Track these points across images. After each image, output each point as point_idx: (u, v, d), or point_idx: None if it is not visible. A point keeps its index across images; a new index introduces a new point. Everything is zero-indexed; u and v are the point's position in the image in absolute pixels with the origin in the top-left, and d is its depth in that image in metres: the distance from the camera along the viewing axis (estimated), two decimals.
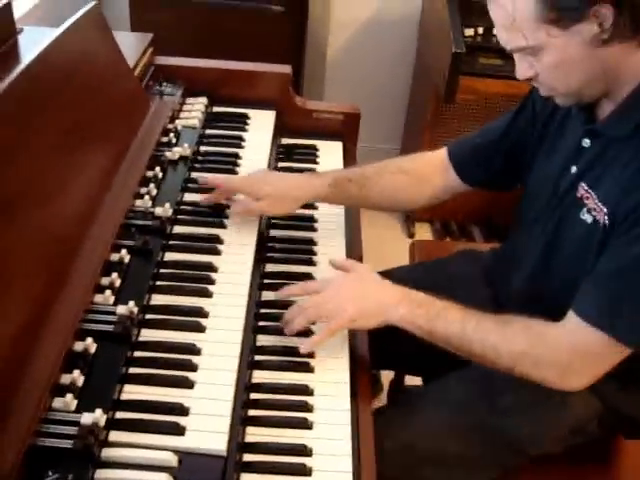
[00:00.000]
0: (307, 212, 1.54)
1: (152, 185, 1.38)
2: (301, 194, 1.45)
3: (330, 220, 1.54)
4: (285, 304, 1.29)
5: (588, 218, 1.19)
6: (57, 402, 0.97)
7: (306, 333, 1.23)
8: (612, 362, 1.15)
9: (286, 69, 1.83)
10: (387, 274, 1.62)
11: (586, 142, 1.22)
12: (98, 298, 1.12)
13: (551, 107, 1.33)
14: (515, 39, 1.12)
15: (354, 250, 1.49)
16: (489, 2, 1.14)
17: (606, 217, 1.15)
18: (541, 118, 1.36)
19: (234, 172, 1.57)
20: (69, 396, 0.97)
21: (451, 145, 1.54)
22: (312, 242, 1.46)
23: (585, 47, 1.08)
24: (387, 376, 2.03)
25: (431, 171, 1.53)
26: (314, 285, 1.28)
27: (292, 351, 1.21)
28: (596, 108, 1.22)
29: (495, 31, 1.17)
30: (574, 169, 1.24)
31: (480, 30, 2.64)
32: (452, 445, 1.30)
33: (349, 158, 1.79)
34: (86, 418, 0.94)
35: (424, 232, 3.10)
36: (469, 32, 2.63)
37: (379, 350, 1.31)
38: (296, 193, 1.45)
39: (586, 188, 1.20)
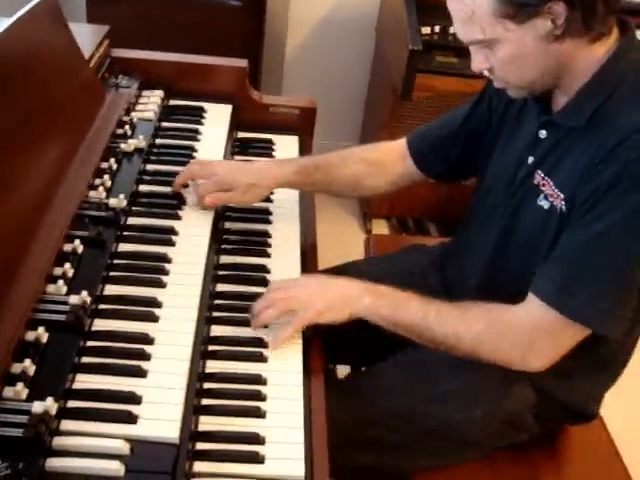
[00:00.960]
0: (261, 205, 1.55)
1: (106, 176, 1.38)
2: (269, 182, 1.48)
3: (284, 212, 1.55)
4: (239, 295, 1.30)
5: (545, 204, 1.23)
6: (8, 391, 0.96)
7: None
8: (572, 341, 1.19)
9: (243, 63, 1.84)
10: (339, 269, 1.66)
11: (542, 133, 1.26)
12: (50, 288, 1.12)
13: (506, 101, 1.36)
14: (472, 32, 1.15)
15: (308, 240, 1.51)
16: None
17: (563, 203, 1.19)
18: (497, 112, 1.40)
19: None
20: (20, 385, 0.96)
21: (410, 136, 1.57)
22: (266, 234, 1.48)
23: (539, 42, 1.12)
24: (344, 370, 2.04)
25: (391, 160, 1.57)
26: (279, 282, 1.30)
27: (246, 341, 1.22)
28: (551, 100, 1.26)
29: (453, 27, 1.19)
30: (531, 159, 1.28)
31: (437, 28, 2.67)
32: (385, 432, 1.32)
33: (305, 152, 1.80)
34: (37, 407, 0.93)
35: (381, 228, 3.13)
36: (426, 30, 2.66)
37: (335, 344, 1.33)
38: (263, 182, 1.47)
39: (542, 175, 1.24)
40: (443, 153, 1.51)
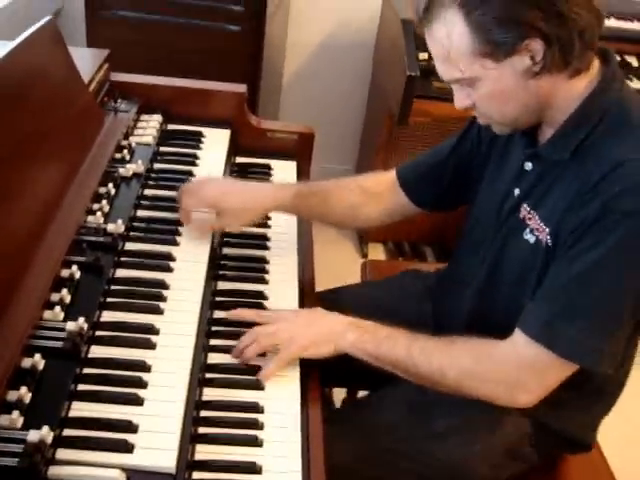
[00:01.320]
0: (260, 230, 1.55)
1: (104, 201, 1.38)
2: (261, 206, 1.47)
3: (282, 239, 1.55)
4: (237, 323, 1.30)
5: (531, 238, 1.23)
6: (3, 419, 0.95)
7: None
8: (560, 377, 1.18)
9: (241, 88, 1.84)
10: (335, 292, 1.65)
11: (528, 165, 1.26)
12: (47, 314, 1.11)
13: (492, 134, 1.35)
14: (451, 71, 1.16)
15: (306, 268, 1.50)
16: (426, 36, 1.17)
17: (548, 237, 1.18)
18: (485, 142, 1.40)
19: None
20: (15, 413, 0.95)
21: (400, 167, 1.57)
22: (264, 260, 1.47)
23: (518, 79, 1.13)
24: (339, 393, 2.03)
25: (383, 190, 1.55)
26: (267, 314, 1.30)
27: (243, 369, 1.22)
28: (537, 132, 1.26)
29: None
30: (517, 191, 1.28)
31: None
32: (386, 469, 1.31)
33: (303, 178, 1.80)
34: (32, 435, 0.92)
35: (377, 252, 3.13)
36: (423, 56, 2.68)
37: (330, 367, 1.32)
38: (255, 206, 1.46)
39: (528, 209, 1.24)
40: (432, 182, 1.50)
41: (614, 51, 1.22)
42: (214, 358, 1.23)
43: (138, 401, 1.06)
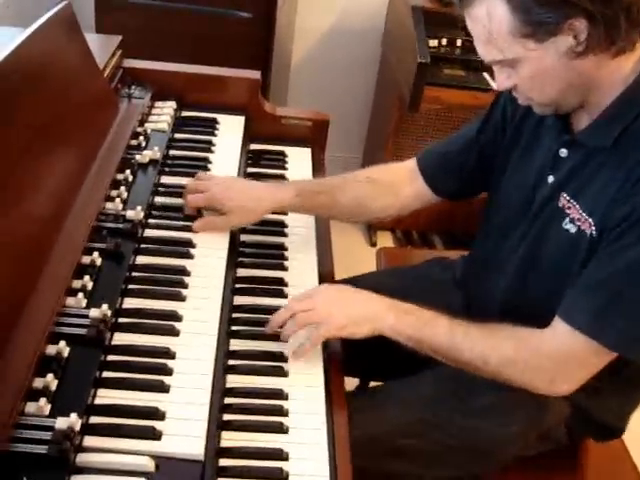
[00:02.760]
0: (278, 217, 1.54)
1: (123, 188, 1.37)
2: (264, 205, 1.44)
3: (300, 225, 1.54)
4: (257, 309, 1.29)
5: (572, 228, 1.21)
6: (30, 407, 0.94)
7: (278, 337, 1.23)
8: (598, 367, 1.18)
9: (256, 75, 1.83)
10: (355, 281, 1.64)
11: (563, 152, 1.24)
12: (70, 301, 1.10)
13: (522, 113, 1.34)
14: (492, 52, 1.14)
15: (325, 254, 1.49)
16: (466, 17, 1.15)
17: (593, 228, 1.17)
18: (513, 124, 1.37)
19: None
20: (42, 400, 0.94)
21: (420, 155, 1.54)
22: (283, 247, 1.46)
23: (561, 59, 1.10)
24: (351, 383, 2.03)
25: (400, 181, 1.53)
26: (304, 293, 1.28)
27: (266, 355, 1.21)
28: (572, 118, 1.24)
29: (460, 39, 1.18)
30: (551, 179, 1.26)
31: (444, 41, 2.67)
32: (417, 442, 1.30)
33: (317, 165, 1.79)
34: (61, 423, 0.92)
35: (386, 240, 3.12)
36: (433, 43, 2.67)
37: (345, 356, 1.31)
38: (259, 204, 1.43)
39: (568, 198, 1.22)
40: (455, 170, 1.48)
41: None
42: (236, 345, 1.22)
43: (164, 388, 1.05)
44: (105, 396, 1.03)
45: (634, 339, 1.13)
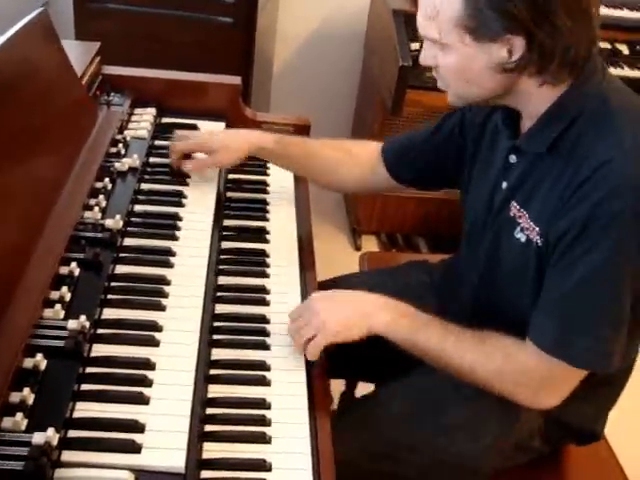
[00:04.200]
0: (258, 224, 1.53)
1: (101, 196, 1.35)
2: (246, 146, 1.56)
3: (282, 231, 1.53)
4: (238, 317, 1.28)
5: (522, 237, 1.21)
6: (6, 422, 0.92)
7: (263, 345, 1.23)
8: (577, 381, 1.18)
9: (236, 80, 1.82)
10: (336, 281, 1.63)
11: (512, 158, 1.25)
12: (48, 313, 1.09)
13: (482, 119, 1.36)
14: (430, 30, 1.15)
15: (307, 260, 1.48)
16: None
17: (539, 237, 1.17)
18: (472, 134, 1.39)
19: (184, 183, 1.55)
20: (19, 415, 0.93)
21: (385, 142, 1.59)
22: (264, 254, 1.45)
23: (488, 67, 1.12)
24: (337, 386, 2.01)
25: (366, 157, 1.59)
26: (297, 310, 1.27)
27: (248, 364, 1.19)
28: (519, 124, 1.25)
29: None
30: (504, 185, 1.27)
31: None
32: (396, 463, 1.30)
33: None
34: (38, 438, 0.90)
35: (371, 244, 3.11)
36: (415, 46, 2.66)
37: (330, 359, 1.30)
38: (239, 146, 1.56)
39: (518, 207, 1.23)
40: (412, 160, 1.52)
41: (604, 39, 1.21)
42: (218, 354, 1.21)
43: (144, 400, 1.04)
44: (84, 409, 1.01)
45: (599, 354, 1.13)
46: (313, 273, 1.46)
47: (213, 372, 1.17)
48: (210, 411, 1.11)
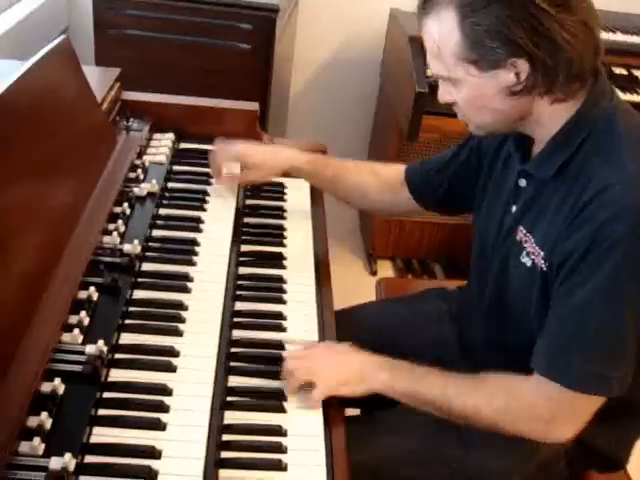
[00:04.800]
0: (275, 249, 1.53)
1: (120, 221, 1.36)
2: (279, 164, 1.61)
3: (299, 257, 1.53)
4: (255, 343, 1.28)
5: (527, 261, 1.22)
6: (24, 446, 0.93)
7: (276, 374, 1.22)
8: (588, 410, 1.16)
9: (254, 106, 1.84)
10: (354, 310, 1.63)
11: (522, 182, 1.26)
12: (66, 337, 1.10)
13: (494, 149, 1.37)
14: (438, 67, 1.16)
15: (324, 286, 1.48)
16: (422, 27, 1.17)
17: (543, 261, 1.17)
18: (488, 154, 1.39)
19: (202, 209, 1.56)
20: (36, 440, 0.93)
21: (408, 166, 1.61)
22: (281, 280, 1.45)
23: (500, 92, 1.13)
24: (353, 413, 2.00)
25: (397, 182, 1.60)
26: (297, 353, 1.27)
27: (265, 391, 1.19)
28: (531, 148, 1.25)
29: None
30: (514, 208, 1.27)
31: None
32: (417, 472, 1.29)
33: (316, 195, 1.78)
34: (55, 463, 0.91)
35: (386, 269, 3.11)
36: (431, 72, 2.67)
37: None
38: (274, 163, 1.61)
39: (524, 232, 1.23)
40: (434, 185, 1.54)
41: (620, 65, 1.22)
42: (235, 381, 1.20)
43: (160, 426, 1.04)
44: (100, 434, 1.02)
45: (594, 377, 1.12)
46: (330, 300, 1.46)
47: (230, 399, 1.17)
48: (226, 438, 1.10)
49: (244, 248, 1.52)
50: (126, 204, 1.41)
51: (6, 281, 1.03)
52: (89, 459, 0.98)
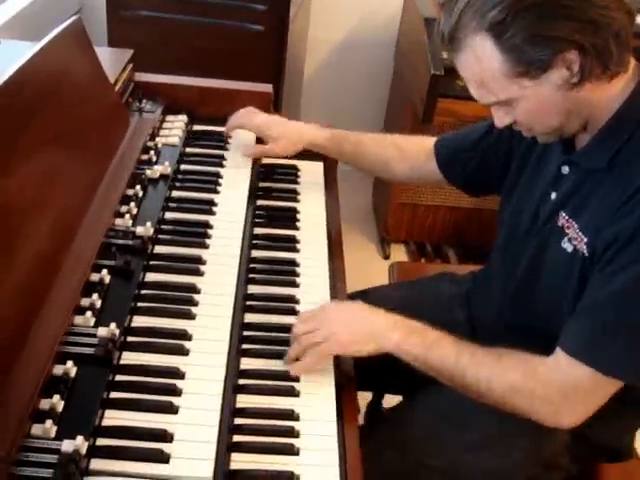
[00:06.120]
0: (288, 232, 1.52)
1: (132, 204, 1.35)
2: (299, 139, 1.64)
3: (312, 240, 1.52)
4: (267, 327, 1.27)
5: (569, 247, 1.19)
6: (36, 429, 0.93)
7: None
8: (605, 396, 1.14)
9: (267, 88, 1.82)
10: (366, 293, 1.62)
11: (565, 169, 1.23)
12: (78, 320, 1.09)
13: (528, 141, 1.33)
14: (487, 95, 1.14)
15: (337, 270, 1.46)
16: (456, 63, 1.14)
17: (586, 247, 1.15)
18: (523, 142, 1.36)
19: (215, 191, 1.55)
20: (49, 422, 0.93)
21: (438, 139, 1.59)
22: (294, 263, 1.44)
23: (558, 91, 1.10)
24: (363, 398, 2.00)
25: (419, 154, 1.60)
26: (307, 314, 1.26)
27: (277, 375, 1.18)
28: (575, 137, 1.23)
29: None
30: (554, 195, 1.25)
31: None
32: (424, 476, 1.28)
33: (330, 178, 1.77)
34: (67, 445, 0.90)
35: (399, 253, 3.09)
36: (446, 54, 2.64)
37: (357, 370, 1.29)
38: (294, 138, 1.64)
39: (567, 217, 1.21)
40: (462, 163, 1.52)
41: None
42: (247, 364, 1.20)
43: (173, 409, 1.03)
44: (112, 417, 1.01)
45: (632, 363, 1.10)
46: (343, 283, 1.45)
47: (242, 382, 1.16)
48: (238, 421, 1.10)
49: (257, 231, 1.51)
50: (139, 186, 1.41)
51: (18, 263, 1.03)
52: (101, 442, 0.98)
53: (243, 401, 1.13)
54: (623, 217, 1.08)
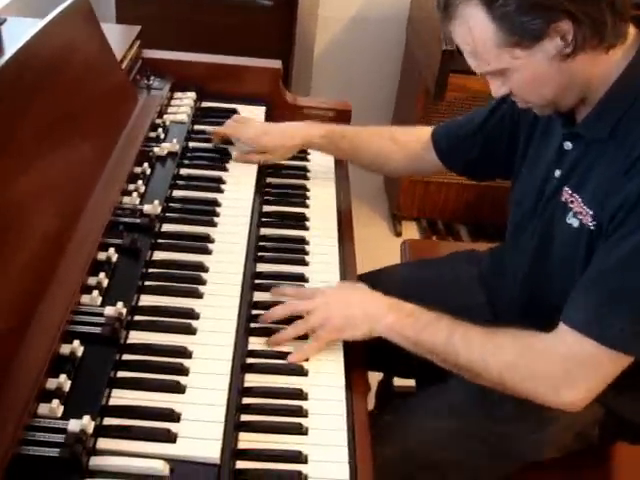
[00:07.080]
0: (298, 210, 1.51)
1: (140, 182, 1.34)
2: (294, 144, 1.60)
3: (322, 217, 1.51)
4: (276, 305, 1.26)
5: (574, 222, 1.18)
6: (42, 408, 0.92)
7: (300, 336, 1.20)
8: (609, 373, 1.11)
9: (276, 64, 1.80)
10: (378, 274, 1.61)
11: (567, 145, 1.21)
12: (85, 299, 1.08)
13: (531, 118, 1.32)
14: (480, 65, 1.12)
15: (347, 248, 1.45)
16: (450, 31, 1.13)
17: (591, 220, 1.13)
18: (526, 120, 1.35)
19: (224, 169, 1.54)
20: (55, 402, 0.92)
21: (436, 128, 1.57)
22: (304, 241, 1.43)
23: (552, 62, 1.08)
24: (374, 376, 1.99)
25: (416, 145, 1.58)
26: (307, 291, 1.26)
27: (285, 353, 1.17)
28: (575, 111, 1.21)
29: None
30: (558, 173, 1.23)
31: None
32: (451, 453, 1.27)
33: None
34: (73, 425, 0.90)
35: (411, 230, 3.08)
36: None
37: (368, 350, 1.28)
38: (290, 143, 1.59)
39: (570, 192, 1.19)
40: (463, 149, 1.51)
41: None
42: (255, 343, 1.19)
43: (180, 389, 1.03)
44: (119, 397, 1.01)
45: (632, 334, 1.07)
46: (353, 261, 1.44)
47: (250, 361, 1.16)
48: (246, 401, 1.09)
49: (266, 209, 1.50)
50: (146, 164, 1.39)
51: (24, 242, 1.02)
52: (108, 421, 0.97)
53: (251, 380, 1.12)
54: (626, 184, 1.06)
